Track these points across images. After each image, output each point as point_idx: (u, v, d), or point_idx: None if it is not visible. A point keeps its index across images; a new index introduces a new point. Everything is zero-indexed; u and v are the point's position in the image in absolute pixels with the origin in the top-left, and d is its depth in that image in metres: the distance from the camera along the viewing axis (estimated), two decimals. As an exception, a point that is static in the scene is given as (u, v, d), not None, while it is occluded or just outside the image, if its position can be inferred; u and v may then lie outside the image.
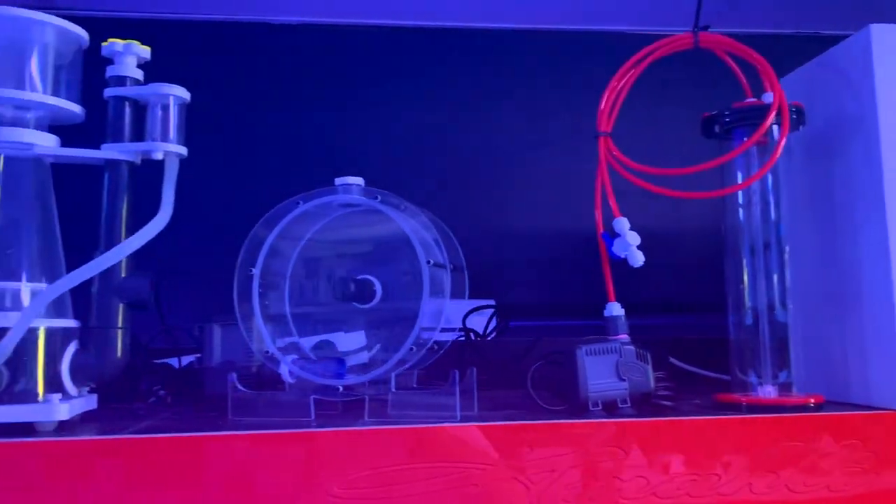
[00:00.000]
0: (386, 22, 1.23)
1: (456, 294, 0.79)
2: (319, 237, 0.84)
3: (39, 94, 0.75)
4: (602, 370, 0.74)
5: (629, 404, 0.74)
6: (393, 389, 0.75)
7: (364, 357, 0.85)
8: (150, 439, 0.66)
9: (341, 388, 0.76)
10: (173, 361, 0.96)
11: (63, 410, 0.69)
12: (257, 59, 1.22)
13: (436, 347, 0.79)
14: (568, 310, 1.16)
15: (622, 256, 0.76)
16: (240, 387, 0.77)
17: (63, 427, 0.70)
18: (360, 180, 0.80)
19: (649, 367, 0.75)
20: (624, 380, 0.74)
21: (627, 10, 1.30)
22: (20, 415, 0.68)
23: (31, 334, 0.71)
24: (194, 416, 0.78)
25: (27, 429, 0.69)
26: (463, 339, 1.10)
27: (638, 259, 0.75)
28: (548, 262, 1.22)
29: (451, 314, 0.82)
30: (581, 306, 1.21)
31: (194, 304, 0.92)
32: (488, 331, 1.14)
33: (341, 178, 0.79)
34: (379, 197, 0.77)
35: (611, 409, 0.74)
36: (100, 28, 0.80)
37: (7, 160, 0.75)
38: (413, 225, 0.77)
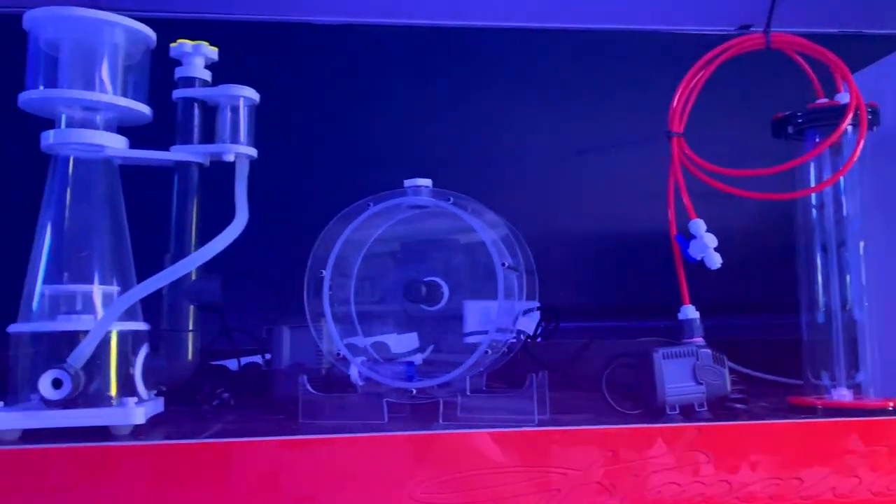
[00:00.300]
0: (448, 23, 1.22)
1: (526, 296, 0.78)
2: (384, 237, 0.83)
3: (109, 94, 0.75)
4: (679, 374, 0.73)
5: (706, 408, 0.73)
6: (467, 392, 0.74)
7: (418, 359, 0.85)
8: (228, 444, 0.66)
9: (414, 392, 0.75)
10: (229, 363, 0.96)
11: (139, 414, 0.69)
12: (322, 60, 1.21)
13: (506, 350, 0.79)
14: (618, 311, 1.16)
15: (698, 259, 0.75)
16: (310, 389, 0.76)
17: (137, 431, 0.70)
18: (428, 182, 0.79)
19: (726, 371, 0.74)
20: (701, 383, 0.73)
21: (682, 10, 1.28)
22: (98, 418, 0.68)
23: (104, 337, 0.71)
24: (264, 419, 0.77)
25: (101, 432, 0.69)
26: (514, 340, 1.10)
27: (716, 261, 0.74)
28: (597, 264, 1.21)
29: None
30: (631, 308, 1.22)
31: (248, 306, 0.91)
32: (538, 333, 1.14)
33: (411, 180, 0.79)
34: (451, 199, 0.76)
35: (687, 412, 0.73)
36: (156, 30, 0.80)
37: (77, 162, 0.75)
38: (484, 227, 0.76)
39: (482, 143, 1.22)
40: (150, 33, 0.77)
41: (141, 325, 0.74)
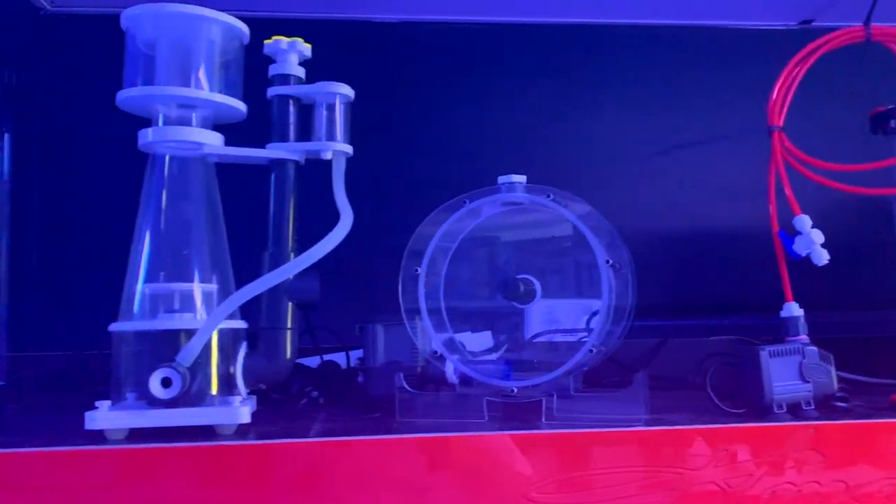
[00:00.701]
0: (544, 20, 1.21)
1: (622, 296, 0.77)
2: (472, 235, 0.82)
3: (206, 91, 0.74)
4: (785, 372, 0.72)
5: (812, 406, 0.72)
6: (571, 392, 0.73)
7: (493, 357, 0.84)
8: (336, 442, 0.65)
9: (514, 390, 0.74)
10: (308, 361, 0.95)
11: (245, 413, 0.68)
12: (415, 57, 1.21)
13: (603, 349, 0.78)
14: (693, 309, 1.14)
15: (803, 255, 0.74)
16: (407, 387, 0.76)
17: (242, 430, 0.69)
18: (523, 178, 0.78)
19: (832, 369, 0.73)
20: (808, 381, 0.72)
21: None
22: (205, 417, 0.67)
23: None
24: (360, 417, 0.77)
25: (206, 431, 0.68)
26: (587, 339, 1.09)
27: (823, 257, 0.73)
28: (671, 262, 1.20)
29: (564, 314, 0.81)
30: (706, 306, 1.20)
31: (332, 303, 0.90)
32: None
33: (505, 177, 0.78)
34: (551, 195, 0.75)
35: (794, 411, 0.72)
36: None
37: (174, 160, 0.74)
38: (584, 224, 0.75)
39: (574, 140, 1.21)
40: (245, 28, 0.77)
41: (240, 324, 0.74)
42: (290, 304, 0.75)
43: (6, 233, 0.76)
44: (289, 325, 0.75)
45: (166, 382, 0.65)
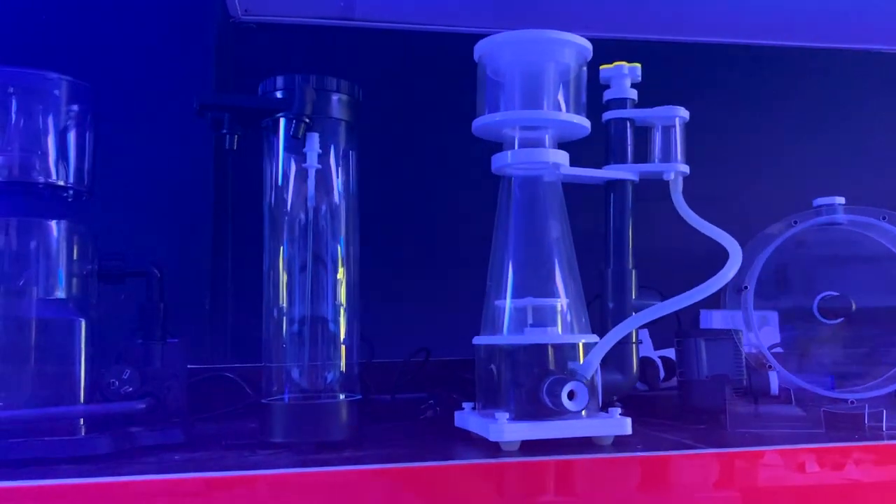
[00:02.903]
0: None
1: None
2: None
3: (554, 111, 0.76)
4: None
5: None
6: None
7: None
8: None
9: (852, 401, 0.78)
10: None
11: (628, 424, 0.71)
12: (730, 78, 1.28)
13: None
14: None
15: None
16: (738, 400, 0.79)
17: (618, 441, 0.71)
18: (842, 199, 0.82)
19: None
20: None
21: None
22: (598, 428, 0.70)
23: (573, 349, 0.73)
24: (688, 428, 0.79)
25: (582, 443, 0.70)
26: None
27: None
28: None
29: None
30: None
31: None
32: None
33: (825, 198, 0.82)
34: (884, 216, 0.79)
35: None
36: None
37: (527, 180, 0.77)
38: None
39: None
40: (588, 46, 0.77)
41: (595, 338, 0.77)
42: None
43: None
44: (634, 340, 0.78)
45: (571, 395, 0.68)
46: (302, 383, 0.76)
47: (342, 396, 0.75)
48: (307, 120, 0.72)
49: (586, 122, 0.77)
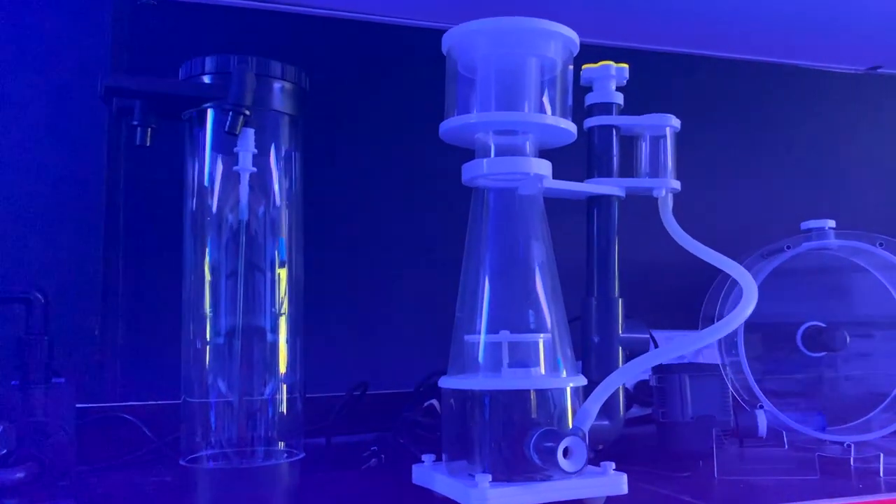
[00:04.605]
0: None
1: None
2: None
3: (539, 113, 0.65)
4: None
5: None
6: None
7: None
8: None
9: (848, 444, 0.71)
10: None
11: (624, 483, 0.61)
12: (725, 93, 1.19)
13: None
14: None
15: None
16: (726, 443, 0.71)
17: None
18: (832, 223, 0.75)
19: None
20: None
21: None
22: (594, 489, 0.59)
23: (560, 394, 0.62)
24: (671, 475, 0.70)
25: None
26: None
27: None
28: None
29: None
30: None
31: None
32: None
33: (817, 221, 0.75)
34: (881, 243, 0.73)
35: None
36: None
37: (505, 193, 0.66)
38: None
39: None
40: (576, 39, 0.66)
41: (582, 380, 0.66)
42: (619, 358, 0.68)
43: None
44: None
45: (567, 452, 0.57)
46: (230, 432, 0.62)
47: (283, 452, 0.61)
48: (247, 112, 0.58)
49: (572, 127, 0.66)
